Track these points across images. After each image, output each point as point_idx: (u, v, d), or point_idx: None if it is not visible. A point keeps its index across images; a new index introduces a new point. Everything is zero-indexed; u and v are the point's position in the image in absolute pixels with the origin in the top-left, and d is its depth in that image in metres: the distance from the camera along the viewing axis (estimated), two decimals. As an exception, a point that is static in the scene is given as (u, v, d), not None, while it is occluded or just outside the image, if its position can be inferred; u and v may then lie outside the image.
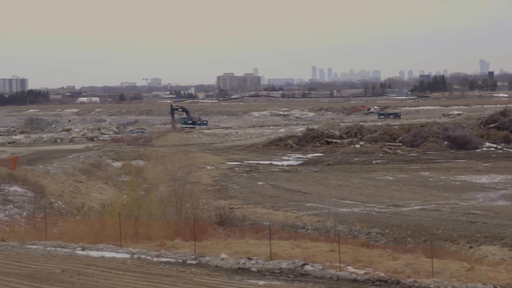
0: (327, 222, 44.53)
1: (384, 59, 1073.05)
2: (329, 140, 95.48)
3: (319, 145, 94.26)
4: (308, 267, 25.76)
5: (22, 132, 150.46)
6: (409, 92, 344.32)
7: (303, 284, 23.77)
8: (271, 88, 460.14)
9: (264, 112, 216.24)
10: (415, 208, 49.82)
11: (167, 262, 26.88)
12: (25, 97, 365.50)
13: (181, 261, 27.07)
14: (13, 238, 36.10)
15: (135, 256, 28.15)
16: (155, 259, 27.44)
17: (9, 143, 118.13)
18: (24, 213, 51.80)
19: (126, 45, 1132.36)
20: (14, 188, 57.38)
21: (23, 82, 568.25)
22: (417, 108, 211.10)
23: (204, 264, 26.55)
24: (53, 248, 30.11)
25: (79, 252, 29.27)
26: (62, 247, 30.39)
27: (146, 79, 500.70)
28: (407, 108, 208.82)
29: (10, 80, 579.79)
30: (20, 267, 25.47)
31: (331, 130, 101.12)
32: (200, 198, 55.56)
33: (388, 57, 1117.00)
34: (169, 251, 29.70)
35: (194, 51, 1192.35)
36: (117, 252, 29.09)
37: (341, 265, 27.12)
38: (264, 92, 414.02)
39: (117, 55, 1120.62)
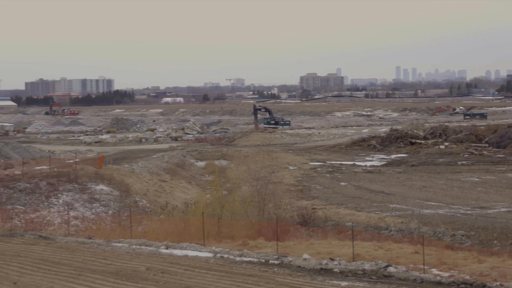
0: (410, 223, 43.99)
1: (470, 57, 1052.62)
2: (413, 140, 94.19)
3: (403, 145, 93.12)
4: (391, 269, 25.46)
5: (108, 132, 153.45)
6: (496, 92, 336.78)
7: (386, 286, 23.51)
8: (354, 88, 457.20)
9: (347, 113, 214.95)
10: (502, 210, 48.68)
11: (250, 262, 26.94)
12: (111, 97, 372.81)
13: (263, 261, 27.11)
14: (99, 236, 36.82)
15: (218, 255, 28.31)
16: (238, 259, 27.54)
17: (95, 142, 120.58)
18: (110, 212, 52.79)
19: (209, 47, 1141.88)
20: (101, 186, 58.51)
21: (109, 82, 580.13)
22: (504, 108, 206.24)
23: (286, 264, 26.51)
24: (138, 246, 30.55)
25: (163, 250, 29.61)
26: (147, 246, 30.81)
27: (230, 80, 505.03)
28: (493, 109, 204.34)
29: (97, 81, 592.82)
30: (106, 265, 25.92)
31: (415, 131, 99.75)
32: (283, 198, 55.57)
33: (473, 56, 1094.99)
34: (252, 251, 29.78)
35: (277, 52, 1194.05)
36: (200, 251, 29.32)
37: (425, 267, 26.72)
38: (347, 92, 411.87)
39: (200, 57, 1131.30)
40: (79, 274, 24.15)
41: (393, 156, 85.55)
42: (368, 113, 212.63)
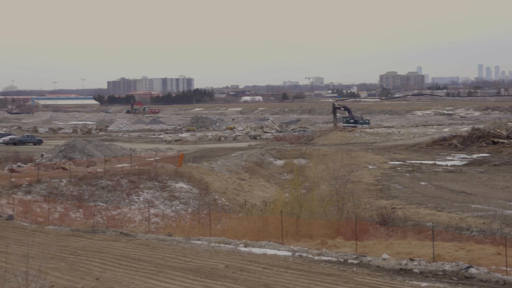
0: (493, 224, 43.08)
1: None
2: (496, 140, 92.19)
3: (484, 145, 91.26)
4: (472, 270, 24.98)
5: (188, 130, 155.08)
6: None
7: (468, 287, 23.09)
8: (435, 86, 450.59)
9: (428, 111, 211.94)
10: None
11: (328, 261, 26.82)
12: (191, 96, 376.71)
13: (342, 260, 26.95)
14: (179, 233, 37.22)
15: (297, 254, 28.28)
16: (316, 258, 27.45)
17: (175, 140, 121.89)
18: (189, 209, 53.29)
19: (286, 45, 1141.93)
20: (180, 184, 59.14)
21: (189, 81, 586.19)
22: None
23: (366, 264, 26.31)
24: (217, 244, 30.75)
25: (242, 248, 29.73)
26: (226, 243, 30.98)
27: (309, 78, 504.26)
28: None
29: (177, 80, 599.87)
30: (185, 262, 26.17)
31: (498, 130, 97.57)
32: (362, 198, 55.19)
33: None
34: (330, 250, 29.64)
35: (356, 50, 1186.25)
36: (278, 250, 29.34)
37: (508, 269, 26.13)
38: (428, 91, 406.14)
39: (280, 56, 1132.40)
40: (159, 270, 24.45)
41: (474, 156, 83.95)
42: (449, 112, 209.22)
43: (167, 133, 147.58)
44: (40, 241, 30.07)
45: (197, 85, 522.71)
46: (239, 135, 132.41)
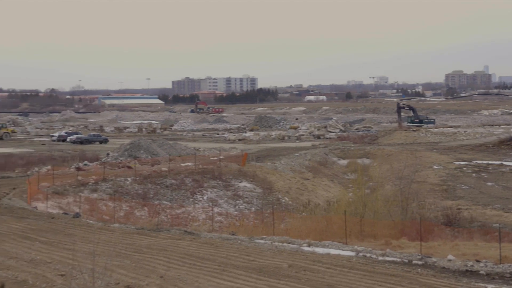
0: (562, 226, 42.17)
1: None
2: None
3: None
4: (541, 273, 24.47)
5: (251, 130, 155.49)
6: None
7: (536, 290, 22.64)
8: (502, 85, 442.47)
9: (495, 111, 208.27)
10: None
11: (392, 262, 26.59)
12: (254, 95, 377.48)
13: (406, 261, 26.69)
14: (242, 232, 37.33)
15: (360, 254, 28.10)
16: (380, 258, 27.24)
17: (239, 140, 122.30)
18: (253, 208, 53.43)
19: (350, 43, 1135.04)
20: (244, 183, 59.33)
21: (253, 81, 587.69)
22: None
23: (430, 265, 26.00)
24: (280, 244, 30.75)
25: (305, 248, 29.67)
26: (289, 243, 30.96)
27: (373, 78, 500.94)
28: None
29: (241, 79, 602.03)
30: (249, 261, 26.23)
31: None
32: (427, 198, 54.57)
33: None
34: (394, 251, 29.38)
35: (421, 49, 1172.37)
36: (342, 250, 29.20)
37: None
38: (495, 90, 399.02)
39: (344, 55, 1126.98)
40: (222, 269, 24.56)
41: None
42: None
43: (230, 132, 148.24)
44: (105, 239, 30.50)
45: (261, 84, 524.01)
46: (303, 135, 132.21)
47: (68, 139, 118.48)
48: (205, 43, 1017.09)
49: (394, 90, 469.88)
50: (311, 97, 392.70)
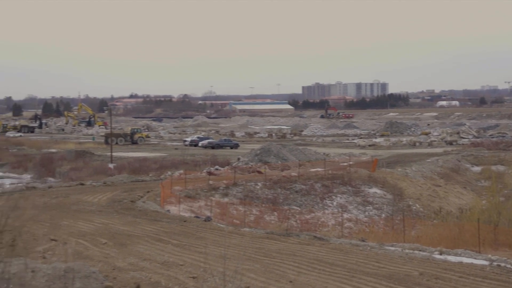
0: None
1: None
2: None
3: None
4: None
5: (382, 135, 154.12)
6: None
7: None
8: None
9: None
10: None
11: (529, 272, 25.66)
12: (385, 100, 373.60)
13: (547, 272, 25.71)
14: (372, 239, 36.98)
15: (495, 263, 27.28)
16: (516, 268, 26.36)
17: (369, 145, 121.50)
18: (383, 215, 52.90)
19: (487, 47, 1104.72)
20: (374, 190, 58.82)
21: (383, 86, 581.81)
22: None
23: None
24: (411, 251, 30.28)
25: (437, 256, 29.09)
26: (420, 250, 30.44)
27: (508, 82, 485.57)
28: None
29: (371, 84, 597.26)
30: (378, 268, 25.95)
31: None
32: None
33: None
34: (531, 261, 28.36)
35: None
36: (475, 258, 28.44)
37: None
38: None
39: (476, 60, 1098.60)
40: (352, 275, 24.40)
41: None
42: None
43: (360, 138, 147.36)
44: (236, 243, 30.88)
45: (392, 89, 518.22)
46: (434, 141, 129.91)
47: (200, 144, 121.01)
48: (335, 47, 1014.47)
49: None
50: (443, 103, 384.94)
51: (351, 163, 70.85)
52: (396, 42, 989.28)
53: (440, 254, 29.47)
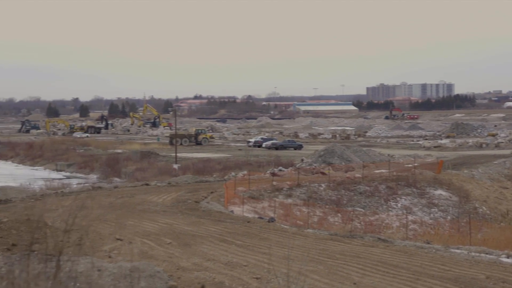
0: None
1: None
2: None
3: None
4: None
5: (447, 137, 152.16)
6: None
7: None
8: None
9: None
10: None
11: None
12: (451, 101, 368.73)
13: None
14: (437, 241, 36.54)
15: None
16: None
17: (434, 147, 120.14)
18: (448, 217, 52.29)
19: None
20: (439, 191, 58.13)
21: (449, 87, 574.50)
22: None
23: None
24: (477, 254, 29.83)
25: (504, 259, 28.61)
26: (486, 253, 29.97)
27: None
28: None
29: (437, 85, 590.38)
30: (444, 271, 25.64)
31: None
32: None
33: None
34: None
35: None
36: (543, 262, 27.88)
37: None
38: None
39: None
40: (416, 278, 24.14)
41: None
42: None
43: (425, 139, 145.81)
44: (299, 244, 30.83)
45: (458, 90, 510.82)
46: (502, 142, 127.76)
47: (263, 145, 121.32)
48: (399, 47, 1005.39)
49: None
50: (511, 103, 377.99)
51: (416, 164, 70.14)
52: (463, 42, 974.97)
53: (508, 257, 28.99)
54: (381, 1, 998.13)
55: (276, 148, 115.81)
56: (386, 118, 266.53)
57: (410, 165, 70.27)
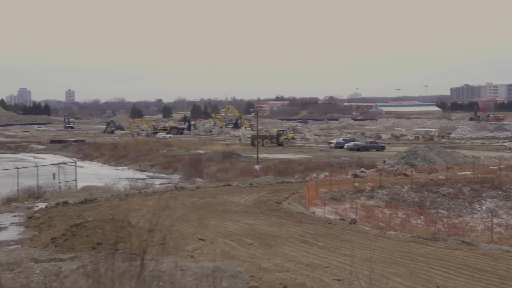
0: None
1: None
2: None
3: None
4: None
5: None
6: None
7: None
8: None
9: None
10: None
11: None
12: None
13: None
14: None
15: None
16: None
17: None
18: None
19: None
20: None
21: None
22: None
23: None
24: None
25: None
26: None
27: None
28: None
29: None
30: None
31: None
32: None
33: None
34: None
35: None
36: None
37: None
38: None
39: None
40: (502, 282, 23.68)
41: None
42: None
43: (511, 140, 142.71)
44: (381, 246, 30.58)
45: None
46: None
47: (345, 146, 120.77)
48: (484, 45, 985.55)
49: None
50: None
51: (501, 166, 68.70)
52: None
53: None
54: None
55: (358, 149, 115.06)
56: (471, 119, 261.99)
57: (495, 167, 68.87)
